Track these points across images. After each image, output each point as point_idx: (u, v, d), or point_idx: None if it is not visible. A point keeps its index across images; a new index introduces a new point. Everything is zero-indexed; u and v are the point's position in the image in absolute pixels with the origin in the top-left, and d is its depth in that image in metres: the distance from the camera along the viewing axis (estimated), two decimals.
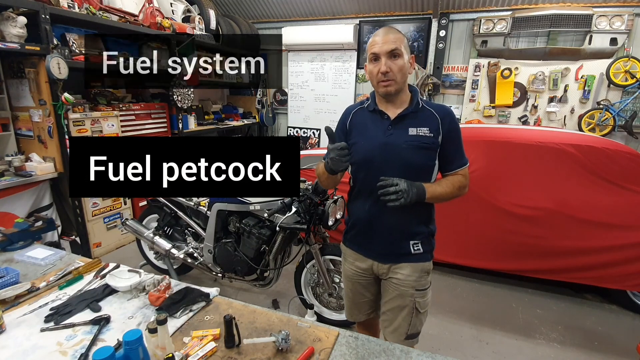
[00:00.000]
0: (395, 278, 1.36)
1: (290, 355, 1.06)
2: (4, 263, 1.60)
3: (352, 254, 1.47)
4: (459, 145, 1.33)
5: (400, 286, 1.36)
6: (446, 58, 4.66)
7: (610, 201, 2.47)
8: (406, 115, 1.29)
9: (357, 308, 1.54)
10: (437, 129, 1.28)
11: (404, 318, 1.38)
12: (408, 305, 1.37)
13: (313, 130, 5.63)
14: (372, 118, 1.34)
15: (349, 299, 1.55)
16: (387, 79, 1.24)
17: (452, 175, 1.34)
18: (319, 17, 5.18)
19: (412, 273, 1.35)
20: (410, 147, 1.26)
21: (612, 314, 2.62)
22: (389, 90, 1.26)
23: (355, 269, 1.46)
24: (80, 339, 1.12)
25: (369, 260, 1.42)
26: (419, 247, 1.35)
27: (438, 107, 1.33)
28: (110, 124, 3.28)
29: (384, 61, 1.22)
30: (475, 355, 2.18)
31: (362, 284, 1.48)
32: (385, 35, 1.23)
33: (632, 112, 3.90)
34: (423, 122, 1.29)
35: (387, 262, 1.38)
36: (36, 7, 2.58)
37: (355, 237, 1.45)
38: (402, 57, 1.23)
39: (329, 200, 2.05)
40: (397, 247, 1.35)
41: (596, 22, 3.82)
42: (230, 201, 2.26)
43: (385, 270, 1.39)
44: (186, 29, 4.06)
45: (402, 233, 1.34)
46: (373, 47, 1.24)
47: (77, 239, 3.15)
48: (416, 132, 1.27)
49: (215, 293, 1.38)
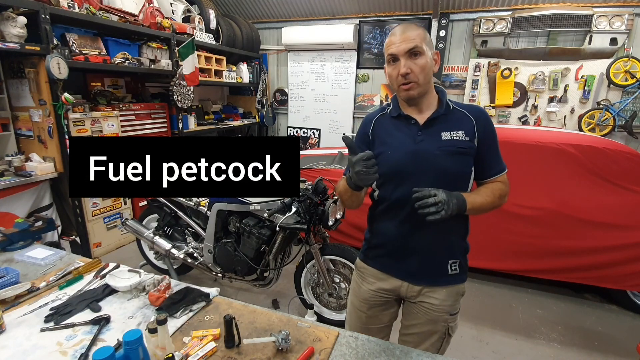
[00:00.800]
0: (428, 302, 1.22)
1: (290, 355, 1.06)
2: (4, 263, 1.60)
3: (376, 274, 1.29)
4: (496, 148, 1.19)
5: (434, 312, 1.22)
6: (446, 58, 4.66)
7: (610, 201, 2.47)
8: (437, 119, 1.15)
9: (367, 332, 1.28)
10: (472, 131, 1.14)
11: (433, 344, 1.25)
12: (440, 330, 1.24)
13: (313, 130, 5.63)
14: (398, 124, 1.20)
15: (362, 322, 1.35)
16: (409, 81, 1.10)
17: (491, 183, 1.19)
18: (319, 17, 5.18)
19: (447, 297, 1.21)
20: (444, 154, 1.12)
21: (612, 314, 2.62)
22: (411, 95, 1.12)
23: (376, 289, 1.29)
24: (80, 339, 1.12)
25: (397, 280, 1.25)
26: (456, 267, 1.22)
27: (470, 107, 1.20)
28: (110, 124, 3.28)
29: (403, 62, 1.09)
30: (475, 355, 2.18)
31: (381, 307, 1.31)
32: (403, 33, 1.09)
33: (632, 112, 3.90)
34: (456, 124, 1.15)
35: (421, 283, 1.22)
36: (36, 7, 2.58)
37: (381, 257, 1.28)
38: (423, 55, 1.09)
39: (329, 200, 2.05)
40: (434, 267, 1.21)
41: (596, 22, 3.82)
42: (230, 201, 2.26)
43: (415, 293, 1.23)
44: (186, 29, 4.06)
45: (440, 251, 1.21)
46: (390, 48, 1.11)
47: (77, 239, 3.15)
48: (450, 136, 1.13)
49: (215, 293, 1.38)
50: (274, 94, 5.87)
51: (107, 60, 3.20)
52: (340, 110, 5.35)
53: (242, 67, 5.24)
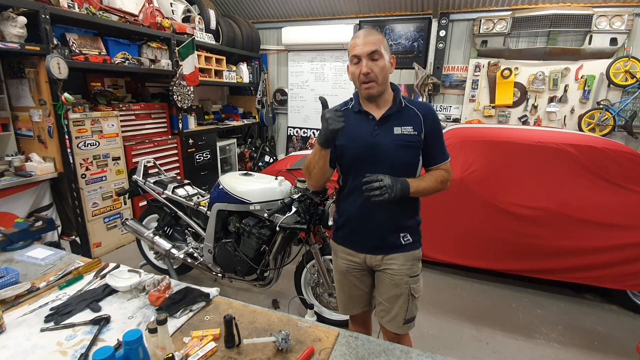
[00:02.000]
0: (390, 269, 1.42)
1: (290, 355, 1.06)
2: (4, 263, 1.60)
3: (344, 250, 1.50)
4: (440, 141, 1.38)
5: (395, 275, 1.41)
6: (446, 58, 4.66)
7: (610, 201, 2.47)
8: (391, 115, 1.33)
9: (353, 301, 1.57)
10: (420, 126, 1.32)
11: (401, 306, 1.43)
12: (404, 292, 1.42)
13: (313, 130, 5.63)
14: (358, 119, 1.37)
15: (344, 292, 1.58)
16: (369, 80, 1.27)
17: (435, 170, 1.39)
18: (319, 17, 5.18)
19: (405, 262, 1.41)
20: (396, 146, 1.30)
21: (612, 314, 2.62)
22: (371, 93, 1.30)
23: (349, 262, 1.50)
24: (80, 339, 1.12)
25: (361, 254, 1.46)
26: (408, 238, 1.41)
27: (420, 105, 1.38)
28: (110, 124, 3.28)
29: (365, 62, 1.25)
30: (475, 355, 2.18)
31: (357, 277, 1.51)
32: (365, 37, 1.26)
33: (632, 112, 3.90)
34: (407, 121, 1.33)
35: (380, 254, 1.42)
36: (36, 7, 2.58)
37: (347, 235, 1.48)
38: (382, 58, 1.26)
39: (329, 200, 2.05)
40: (388, 240, 1.41)
41: (596, 22, 3.82)
42: (230, 201, 2.26)
43: (378, 262, 1.43)
44: (186, 29, 4.06)
45: (393, 227, 1.40)
46: (354, 49, 1.27)
47: (77, 239, 3.15)
48: (401, 131, 1.31)
49: (215, 293, 1.38)
50: (274, 94, 5.87)
51: (107, 60, 3.21)
52: None
53: (242, 67, 5.24)
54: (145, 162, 2.79)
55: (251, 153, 5.55)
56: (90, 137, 3.13)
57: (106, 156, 3.29)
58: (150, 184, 2.68)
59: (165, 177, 2.81)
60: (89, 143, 3.12)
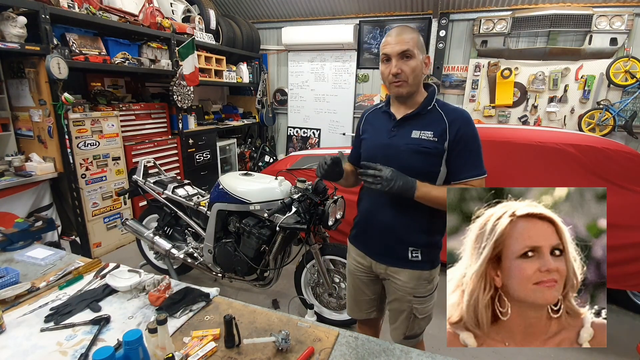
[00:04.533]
0: (393, 282, 1.37)
1: (290, 355, 1.06)
2: (4, 263, 1.59)
3: (355, 250, 1.49)
4: (470, 153, 1.21)
5: (398, 291, 1.36)
6: (446, 58, 4.66)
7: (610, 201, 2.43)
8: (412, 117, 1.25)
9: (357, 305, 1.55)
10: (442, 133, 1.20)
11: (402, 321, 1.39)
12: (406, 310, 1.36)
13: (313, 130, 5.63)
14: (382, 118, 1.35)
15: (350, 295, 1.56)
16: (399, 80, 1.20)
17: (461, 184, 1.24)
18: (319, 17, 5.18)
19: (409, 280, 1.32)
20: (409, 151, 1.22)
21: (612, 314, 2.62)
22: (400, 92, 1.23)
23: (357, 264, 1.48)
24: (80, 339, 1.12)
25: (367, 258, 1.43)
26: (417, 255, 1.30)
27: (451, 110, 1.24)
28: (110, 124, 3.28)
29: (395, 62, 1.19)
30: (475, 355, 2.17)
31: (363, 281, 1.48)
32: (398, 35, 1.19)
33: (632, 112, 3.90)
34: (428, 125, 1.22)
35: (384, 262, 1.37)
36: (36, 7, 2.58)
37: (358, 235, 1.46)
38: (414, 58, 1.18)
39: (329, 200, 2.04)
40: (394, 250, 1.33)
41: (596, 22, 3.82)
42: (230, 201, 2.26)
43: (383, 271, 1.39)
44: (186, 29, 4.06)
45: (398, 236, 1.31)
46: (385, 48, 1.21)
47: (77, 239, 3.15)
48: (419, 135, 1.22)
49: (215, 293, 1.37)
50: (274, 94, 5.87)
51: (107, 60, 3.20)
52: (340, 110, 5.34)
53: (242, 67, 5.24)
54: (145, 162, 2.79)
55: (251, 153, 5.55)
56: (90, 137, 3.13)
57: (106, 156, 3.29)
58: (150, 184, 2.68)
59: (165, 177, 2.81)
60: (89, 143, 3.12)
